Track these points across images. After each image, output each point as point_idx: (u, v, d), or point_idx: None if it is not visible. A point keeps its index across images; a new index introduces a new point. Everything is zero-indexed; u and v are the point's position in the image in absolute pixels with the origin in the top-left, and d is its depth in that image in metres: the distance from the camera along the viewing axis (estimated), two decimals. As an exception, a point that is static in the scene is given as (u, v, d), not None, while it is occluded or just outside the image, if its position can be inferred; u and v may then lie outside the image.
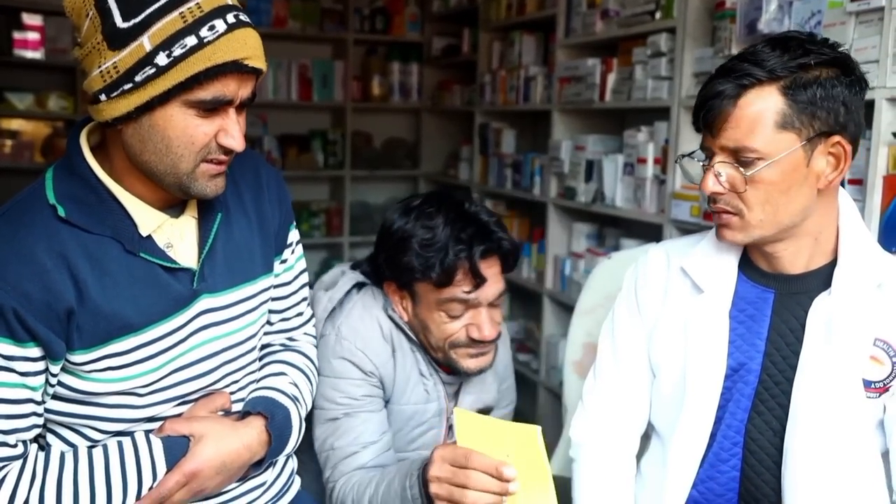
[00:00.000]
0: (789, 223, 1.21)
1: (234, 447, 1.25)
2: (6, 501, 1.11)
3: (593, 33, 2.90)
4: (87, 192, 1.15)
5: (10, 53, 3.95)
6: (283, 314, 1.44)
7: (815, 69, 1.16)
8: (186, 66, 1.05)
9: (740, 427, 1.30)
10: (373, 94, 4.72)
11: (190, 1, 1.06)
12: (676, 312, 1.35)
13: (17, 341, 1.08)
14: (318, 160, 4.62)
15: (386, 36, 4.68)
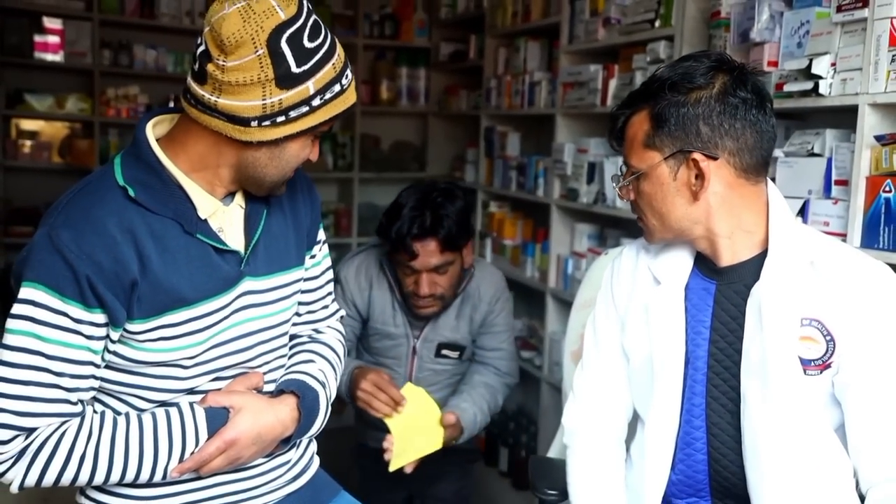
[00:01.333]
0: (681, 227, 1.36)
1: (269, 420, 1.36)
2: (66, 452, 1.23)
3: (595, 40, 3.01)
4: (152, 177, 1.28)
5: (31, 56, 4.08)
6: (310, 307, 1.56)
7: (689, 93, 1.30)
8: (332, 107, 1.27)
9: (700, 412, 1.40)
10: (381, 98, 4.84)
11: (335, 53, 1.26)
12: (641, 303, 1.47)
13: (87, 306, 1.20)
14: (327, 162, 4.74)
15: (394, 41, 4.80)
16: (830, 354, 1.28)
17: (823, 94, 1.96)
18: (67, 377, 1.22)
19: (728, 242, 1.36)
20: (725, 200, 1.33)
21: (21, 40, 4.03)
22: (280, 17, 1.20)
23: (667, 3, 2.60)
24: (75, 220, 1.22)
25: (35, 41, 4.07)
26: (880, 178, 1.83)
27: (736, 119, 1.30)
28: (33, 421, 1.21)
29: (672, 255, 1.46)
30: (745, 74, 1.32)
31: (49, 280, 1.19)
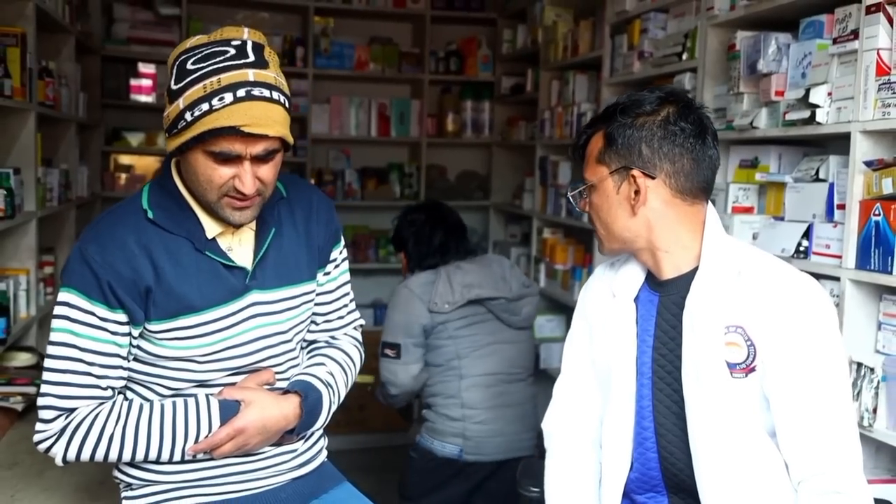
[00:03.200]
0: (624, 237, 1.51)
1: (274, 414, 1.56)
2: (98, 431, 1.47)
3: (632, 73, 3.16)
4: (171, 202, 1.51)
5: (128, 98, 4.51)
6: (326, 317, 1.75)
7: (637, 118, 1.47)
8: (199, 125, 1.38)
9: (648, 414, 1.53)
10: (447, 130, 5.07)
11: (213, 77, 1.36)
12: (602, 316, 1.62)
13: (110, 307, 1.45)
14: (395, 191, 5.00)
15: (459, 76, 5.03)
16: (753, 358, 1.39)
17: (821, 121, 2.07)
18: (97, 367, 1.47)
19: (667, 256, 1.50)
20: (662, 217, 1.48)
21: (119, 84, 4.47)
22: (186, 44, 1.41)
23: (693, 37, 2.73)
24: (102, 236, 1.47)
25: (131, 84, 4.51)
26: (871, 202, 1.92)
27: (674, 145, 1.45)
28: (71, 403, 1.46)
29: (627, 270, 1.60)
30: (690, 107, 1.48)
31: (79, 285, 1.45)
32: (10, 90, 2.61)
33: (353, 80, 4.95)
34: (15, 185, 2.65)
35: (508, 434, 2.64)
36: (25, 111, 2.83)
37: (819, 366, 1.36)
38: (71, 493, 2.04)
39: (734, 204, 2.50)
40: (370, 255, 4.99)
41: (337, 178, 4.90)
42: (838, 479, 1.32)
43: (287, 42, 4.71)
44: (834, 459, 1.33)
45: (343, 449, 4.74)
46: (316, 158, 4.91)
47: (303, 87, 4.74)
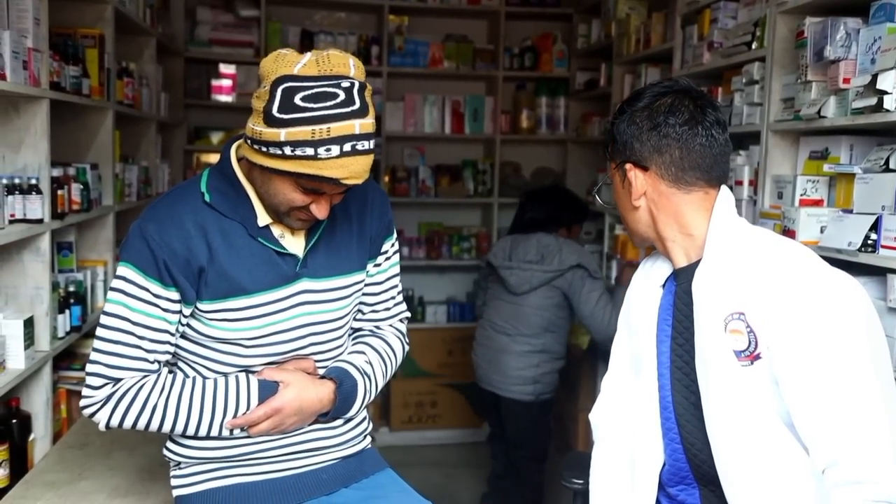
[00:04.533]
0: (636, 230, 1.53)
1: (310, 396, 1.61)
2: (142, 401, 1.54)
3: (701, 64, 3.06)
4: (228, 186, 1.56)
5: (209, 98, 4.67)
6: (372, 307, 1.78)
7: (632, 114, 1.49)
8: (300, 165, 1.40)
9: (668, 405, 1.51)
10: (521, 127, 5.05)
11: (323, 124, 1.37)
12: (635, 306, 1.62)
13: (164, 284, 1.51)
14: (468, 188, 5.01)
15: (534, 72, 5.00)
16: (755, 346, 1.35)
17: (889, 108, 1.96)
18: (147, 340, 1.53)
19: (674, 245, 1.50)
20: (661, 207, 1.48)
21: (201, 85, 4.63)
22: (293, 70, 1.39)
23: (762, 25, 2.63)
24: (161, 215, 1.54)
25: (212, 85, 4.66)
26: (940, 192, 1.81)
27: (661, 136, 1.47)
28: (119, 373, 1.53)
29: (658, 261, 1.58)
30: (684, 98, 1.47)
31: (137, 261, 1.51)
32: (88, 89, 2.74)
33: (427, 77, 4.99)
34: (92, 179, 2.78)
35: (497, 374, 3.32)
36: (103, 109, 2.97)
37: (826, 347, 1.29)
38: (134, 473, 2.13)
39: (802, 196, 2.39)
40: (444, 253, 5.01)
41: (410, 175, 4.95)
42: (858, 467, 1.25)
43: (362, 41, 4.79)
44: (852, 446, 1.26)
45: (414, 444, 4.81)
46: (390, 156, 4.97)
47: (377, 86, 4.80)
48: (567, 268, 3.24)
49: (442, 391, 4.88)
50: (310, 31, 4.76)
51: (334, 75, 1.39)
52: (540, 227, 3.39)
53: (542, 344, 3.29)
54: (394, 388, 4.84)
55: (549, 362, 3.32)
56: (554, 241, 3.32)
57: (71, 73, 2.60)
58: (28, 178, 2.26)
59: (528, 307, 3.30)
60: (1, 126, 2.29)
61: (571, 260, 3.24)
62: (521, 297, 3.31)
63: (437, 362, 4.88)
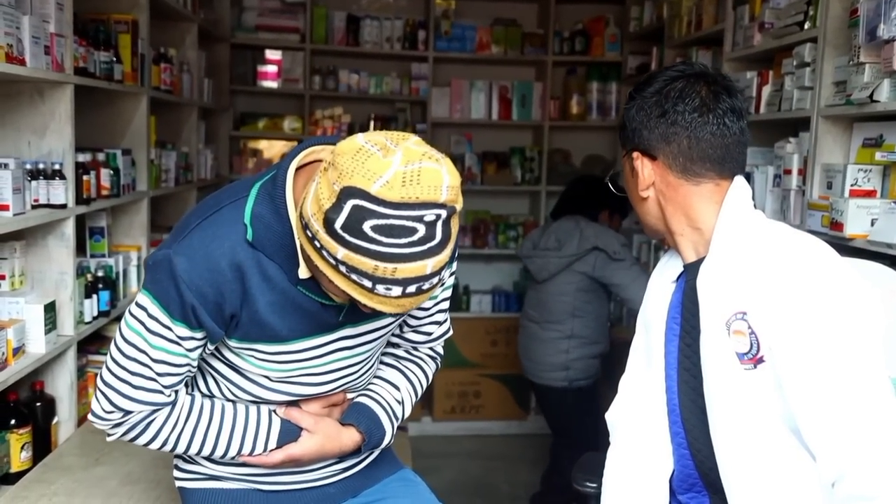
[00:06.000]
0: (647, 221, 1.45)
1: (332, 447, 1.51)
2: (153, 433, 1.44)
3: (752, 46, 2.90)
4: (275, 219, 1.31)
5: (255, 84, 4.67)
6: (414, 328, 1.61)
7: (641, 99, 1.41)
8: (353, 288, 1.18)
9: (675, 408, 1.41)
10: (571, 113, 4.91)
11: (390, 263, 1.13)
12: (649, 302, 1.53)
13: (190, 327, 1.36)
14: (515, 176, 4.91)
15: (585, 57, 4.86)
16: (757, 348, 1.25)
17: (944, 92, 1.80)
18: (166, 376, 1.40)
19: (682, 239, 1.41)
20: (669, 199, 1.40)
21: (246, 71, 4.63)
22: (370, 186, 1.11)
23: (815, 4, 2.47)
24: (195, 251, 1.32)
25: (258, 71, 4.66)
26: None
27: (669, 124, 1.37)
28: (130, 404, 1.41)
29: (674, 256, 1.49)
30: (697, 83, 1.37)
31: (162, 298, 1.33)
32: (120, 75, 2.74)
33: (474, 62, 4.89)
34: (124, 165, 2.78)
35: (530, 362, 3.39)
36: (137, 95, 2.97)
37: (832, 351, 1.18)
38: (148, 460, 2.12)
39: (853, 187, 2.24)
40: (490, 241, 4.93)
41: (456, 161, 4.83)
42: (868, 481, 1.14)
43: (408, 26, 4.72)
44: (861, 459, 1.15)
45: (455, 434, 4.76)
46: (436, 142, 4.87)
47: (423, 71, 4.74)
48: (584, 251, 3.20)
49: (485, 382, 4.81)
50: (356, 17, 4.71)
51: (420, 203, 1.11)
52: (573, 213, 3.36)
53: (569, 329, 3.27)
54: (437, 377, 4.74)
55: (579, 347, 3.28)
56: (574, 225, 3.28)
57: (102, 59, 2.59)
58: (52, 163, 2.26)
59: (550, 294, 3.30)
60: (27, 112, 2.29)
61: (588, 243, 3.20)
62: (543, 285, 3.33)
63: (481, 352, 4.81)
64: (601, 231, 3.25)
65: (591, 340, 3.31)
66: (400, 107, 4.84)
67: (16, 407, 2.20)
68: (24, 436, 2.19)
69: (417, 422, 4.72)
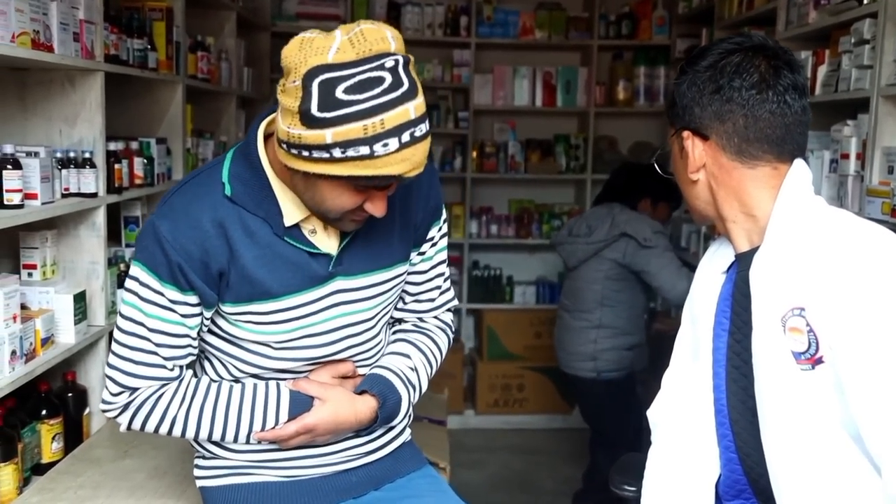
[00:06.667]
0: (695, 206, 1.35)
1: (347, 415, 1.46)
2: (161, 411, 1.43)
3: (806, 24, 2.76)
4: (252, 176, 1.37)
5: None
6: (415, 297, 1.61)
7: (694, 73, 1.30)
8: (354, 167, 1.20)
9: (723, 408, 1.32)
10: (617, 99, 4.78)
11: (375, 116, 1.16)
12: (697, 294, 1.43)
13: (181, 289, 1.36)
14: (560, 164, 4.79)
15: (631, 41, 4.71)
16: (815, 348, 1.14)
17: None
18: (165, 347, 1.40)
19: (735, 227, 1.31)
20: (721, 183, 1.30)
21: (287, 59, 4.59)
22: (326, 58, 1.17)
23: (875, -24, 2.32)
24: (175, 212, 1.36)
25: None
26: None
27: (724, 101, 1.27)
28: (135, 381, 1.41)
29: (724, 244, 1.38)
30: (755, 56, 1.26)
31: (150, 263, 1.36)
32: (154, 63, 2.71)
33: (517, 48, 4.79)
34: (158, 154, 2.76)
35: (562, 351, 3.33)
36: (173, 83, 2.94)
37: None
38: (176, 454, 2.09)
39: (915, 174, 2.10)
40: (534, 231, 4.83)
41: (499, 150, 4.78)
42: None
43: (450, 11, 4.63)
44: None
45: (498, 428, 4.69)
46: (478, 130, 4.81)
47: (465, 58, 4.65)
48: (613, 238, 3.12)
49: (529, 375, 4.72)
50: (397, 3, 4.64)
51: (375, 55, 1.18)
52: (613, 201, 3.27)
53: (598, 319, 3.20)
54: (480, 370, 4.72)
55: (608, 338, 3.20)
56: (607, 212, 3.20)
57: (135, 47, 2.57)
58: (82, 151, 2.23)
59: (580, 281, 3.26)
60: (58, 100, 2.27)
61: (617, 230, 3.11)
62: (574, 273, 3.29)
63: (524, 344, 4.72)
64: (633, 218, 3.15)
65: (622, 331, 3.21)
66: (441, 94, 4.76)
67: (47, 397, 2.19)
68: (55, 426, 2.18)
69: (460, 415, 4.66)
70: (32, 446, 2.12)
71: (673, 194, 3.28)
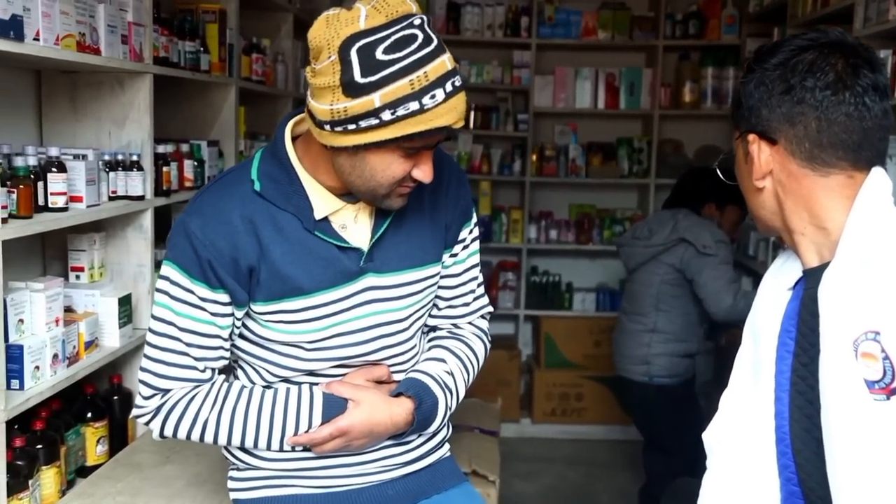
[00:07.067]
0: (760, 216, 1.26)
1: (383, 418, 1.42)
2: (193, 415, 1.40)
3: (886, 21, 2.58)
4: (282, 172, 1.38)
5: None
6: (449, 302, 1.58)
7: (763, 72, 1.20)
8: (406, 125, 1.22)
9: (785, 437, 1.20)
10: (683, 101, 4.62)
11: (419, 70, 1.20)
12: (760, 311, 1.33)
13: (211, 286, 1.36)
14: (622, 167, 4.66)
15: (699, 41, 4.55)
16: (892, 376, 1.02)
17: None
18: (195, 348, 1.38)
19: (804, 240, 1.20)
20: (790, 191, 1.19)
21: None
22: (358, 26, 1.20)
23: (963, -31, 2.15)
24: (205, 209, 1.37)
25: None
26: None
27: (795, 102, 1.16)
28: (167, 383, 1.40)
29: (791, 258, 1.28)
30: (831, 54, 1.15)
31: (180, 260, 1.36)
32: (207, 65, 2.70)
33: (579, 49, 4.67)
34: (209, 156, 2.75)
35: (617, 353, 3.25)
36: (226, 85, 2.93)
37: None
38: (218, 461, 2.05)
39: None
40: (594, 237, 4.70)
41: (559, 153, 4.67)
42: None
43: (511, 12, 4.55)
44: None
45: (554, 438, 4.58)
46: (538, 133, 4.71)
47: (525, 59, 4.56)
48: (671, 243, 3.04)
49: (588, 384, 4.60)
50: (456, 3, 4.57)
51: (402, 16, 1.22)
52: (678, 206, 3.18)
53: (652, 323, 3.13)
54: (537, 378, 4.62)
55: (662, 343, 3.11)
56: (670, 216, 3.12)
57: (187, 49, 2.56)
58: (130, 154, 2.23)
59: (637, 284, 3.21)
60: (108, 102, 2.27)
61: (676, 235, 3.03)
62: (633, 275, 3.24)
63: (583, 353, 4.60)
64: (696, 224, 3.04)
65: (676, 337, 3.11)
66: (501, 96, 4.68)
67: (92, 400, 2.20)
68: (99, 429, 2.18)
69: (516, 423, 4.58)
70: (77, 449, 2.12)
71: (739, 199, 3.14)
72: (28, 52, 1.67)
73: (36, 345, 1.82)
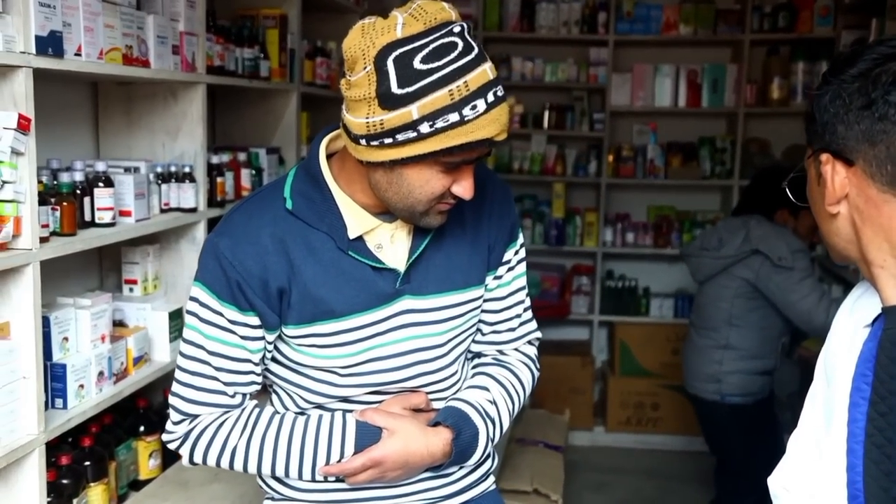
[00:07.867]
0: (833, 244, 1.14)
1: (419, 450, 1.33)
2: (222, 441, 1.34)
3: None
4: (315, 191, 1.32)
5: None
6: (493, 327, 1.49)
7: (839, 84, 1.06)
8: (446, 138, 1.16)
9: (858, 494, 1.05)
10: (771, 98, 4.36)
11: (459, 80, 1.14)
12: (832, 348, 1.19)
13: (241, 309, 1.30)
14: (704, 168, 4.44)
15: (789, 34, 4.29)
16: None
17: None
18: (225, 372, 1.33)
19: (883, 273, 1.06)
20: (868, 218, 1.05)
21: (417, 61, 4.51)
22: (395, 34, 1.14)
23: None
24: (235, 228, 1.32)
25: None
26: None
27: (876, 119, 1.01)
28: (195, 408, 1.35)
29: (868, 291, 1.12)
30: None
31: (209, 282, 1.31)
32: (267, 71, 2.67)
33: (659, 45, 4.48)
34: (269, 164, 2.72)
35: (686, 369, 3.09)
36: (287, 91, 2.89)
37: None
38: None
39: None
40: (673, 240, 4.51)
41: (637, 154, 4.49)
42: None
43: (588, 7, 4.39)
44: None
45: (628, 447, 4.43)
46: (615, 133, 4.54)
47: (602, 56, 4.39)
48: (744, 254, 2.81)
49: (664, 393, 4.42)
50: (530, 0, 4.45)
51: (440, 24, 1.16)
52: (751, 210, 2.95)
53: (724, 339, 2.92)
54: (611, 385, 4.48)
55: (735, 361, 2.89)
56: (742, 224, 2.88)
57: (245, 56, 2.53)
58: (182, 165, 2.21)
59: (707, 297, 3.00)
60: (161, 113, 2.26)
61: (749, 245, 2.80)
62: (702, 288, 3.05)
63: (660, 361, 4.42)
64: (771, 232, 2.79)
65: (751, 354, 2.89)
66: (577, 95, 4.53)
67: (145, 414, 2.18)
68: (152, 444, 2.17)
69: (589, 431, 4.45)
70: (128, 463, 2.12)
71: None
72: (68, 69, 1.65)
73: (80, 363, 1.81)
